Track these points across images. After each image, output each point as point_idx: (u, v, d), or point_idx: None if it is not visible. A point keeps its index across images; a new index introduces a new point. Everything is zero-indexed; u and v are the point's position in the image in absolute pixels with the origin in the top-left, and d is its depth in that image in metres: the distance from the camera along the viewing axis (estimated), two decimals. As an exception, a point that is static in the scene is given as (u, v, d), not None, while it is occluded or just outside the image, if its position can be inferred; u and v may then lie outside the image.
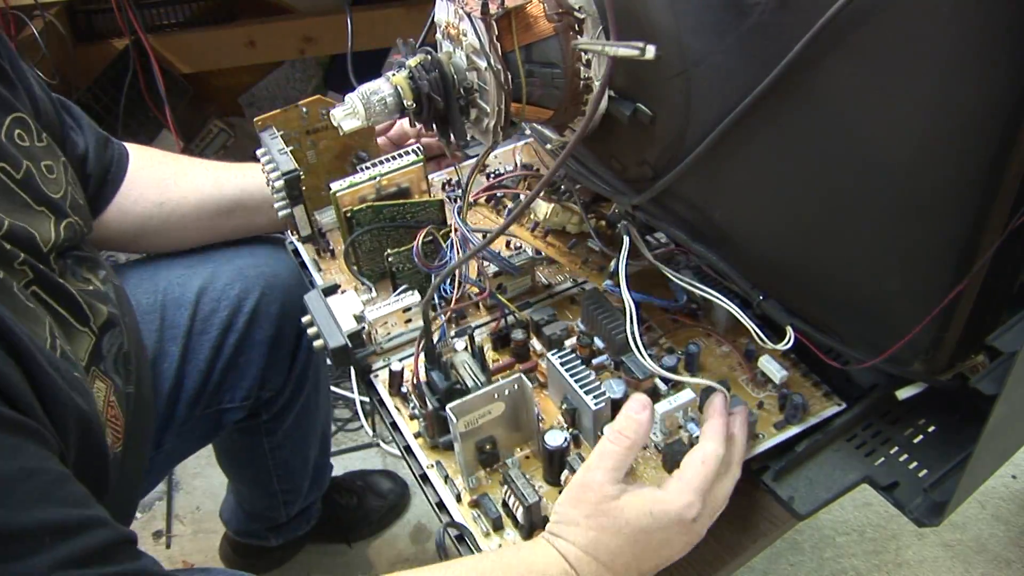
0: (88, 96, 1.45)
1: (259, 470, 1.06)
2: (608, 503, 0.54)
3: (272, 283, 0.88)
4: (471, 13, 0.56)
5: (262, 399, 0.92)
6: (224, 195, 0.84)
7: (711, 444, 0.58)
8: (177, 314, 0.83)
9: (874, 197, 0.52)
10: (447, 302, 0.77)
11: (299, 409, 1.00)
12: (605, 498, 0.55)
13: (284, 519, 1.17)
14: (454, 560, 0.57)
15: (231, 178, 0.86)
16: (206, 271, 0.86)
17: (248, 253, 0.89)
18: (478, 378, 0.66)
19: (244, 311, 0.86)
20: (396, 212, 0.81)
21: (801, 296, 0.64)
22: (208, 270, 0.86)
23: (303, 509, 1.20)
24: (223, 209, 0.84)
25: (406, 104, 0.61)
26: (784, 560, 1.26)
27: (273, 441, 1.01)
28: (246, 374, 0.87)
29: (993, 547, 1.25)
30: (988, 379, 0.59)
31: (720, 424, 0.60)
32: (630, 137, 0.63)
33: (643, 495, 0.55)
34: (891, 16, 0.44)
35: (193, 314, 0.84)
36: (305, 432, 1.05)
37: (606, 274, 0.74)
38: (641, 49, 0.52)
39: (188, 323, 0.83)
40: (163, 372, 0.82)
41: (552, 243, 0.76)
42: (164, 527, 1.37)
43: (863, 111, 0.49)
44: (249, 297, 0.86)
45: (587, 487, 0.56)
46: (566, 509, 0.56)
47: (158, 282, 0.85)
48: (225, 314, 0.85)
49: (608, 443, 0.57)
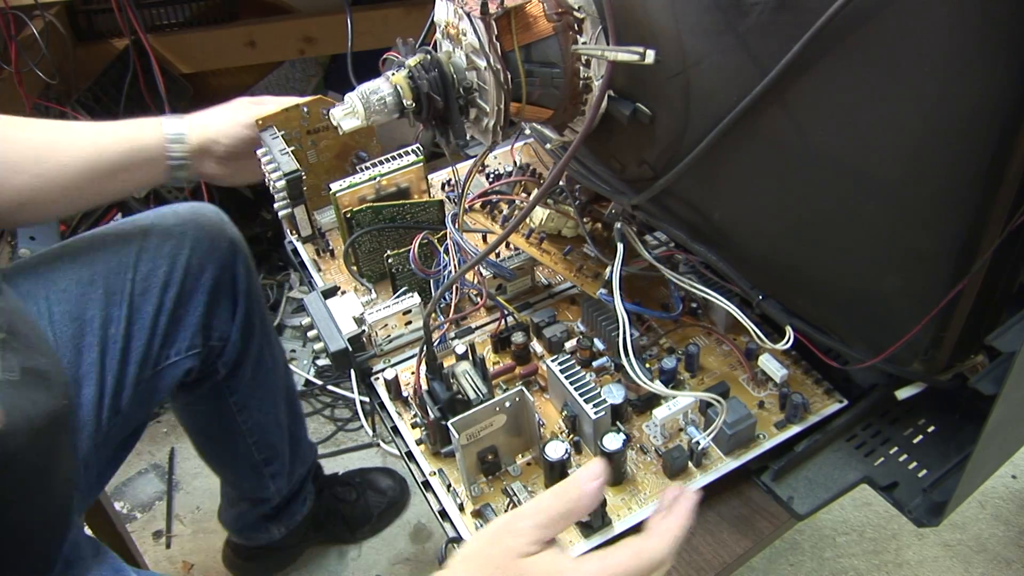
0: (88, 96, 1.45)
1: (234, 439, 1.07)
2: (515, 559, 0.49)
3: (199, 235, 0.90)
4: (471, 13, 0.56)
5: (212, 350, 0.95)
6: (104, 157, 0.83)
7: (655, 543, 0.51)
8: (118, 280, 0.86)
9: (874, 197, 0.52)
10: (446, 307, 0.77)
11: (253, 361, 1.02)
12: (516, 553, 0.50)
13: (276, 498, 1.17)
14: None
15: (113, 138, 0.85)
16: (139, 235, 0.88)
17: (171, 213, 0.91)
18: (479, 389, 0.66)
19: (179, 266, 0.88)
20: (396, 212, 0.81)
21: (801, 296, 0.64)
22: (140, 233, 0.89)
23: (294, 491, 1.20)
24: (105, 171, 0.84)
25: (405, 104, 0.61)
26: (784, 560, 1.26)
27: (238, 401, 1.03)
28: (188, 323, 0.90)
29: (993, 547, 1.25)
30: (987, 379, 0.59)
31: (676, 527, 0.52)
32: (629, 137, 0.63)
33: (556, 562, 0.50)
34: (890, 16, 0.44)
35: (133, 277, 0.86)
36: (267, 386, 1.06)
37: (601, 281, 0.74)
38: (641, 54, 0.52)
39: (130, 286, 0.86)
40: (111, 336, 0.84)
41: (547, 249, 0.76)
42: (164, 527, 1.37)
43: (862, 111, 0.49)
44: (181, 252, 0.89)
45: (507, 532, 0.51)
46: (476, 547, 0.52)
47: (94, 255, 0.87)
48: (162, 271, 0.88)
49: (550, 498, 0.52)
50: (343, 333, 0.72)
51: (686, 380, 0.72)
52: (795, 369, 0.71)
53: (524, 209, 0.61)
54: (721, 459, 0.66)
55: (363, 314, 0.73)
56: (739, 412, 0.65)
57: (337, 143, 0.90)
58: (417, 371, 0.70)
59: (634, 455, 0.67)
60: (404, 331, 0.76)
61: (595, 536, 0.62)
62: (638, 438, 0.68)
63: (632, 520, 0.63)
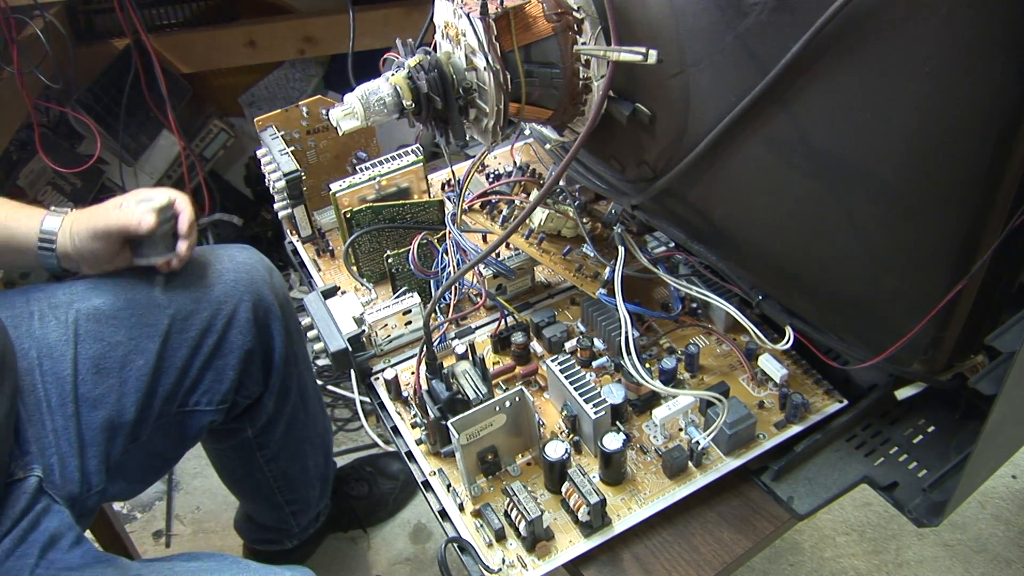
0: (88, 96, 1.45)
1: (259, 484, 1.07)
2: None
3: (250, 291, 0.89)
4: (470, 13, 0.56)
5: (239, 405, 0.93)
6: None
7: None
8: (155, 314, 0.84)
9: (873, 197, 0.52)
10: (446, 307, 0.77)
11: (287, 421, 1.00)
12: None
13: (296, 529, 1.18)
14: None
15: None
16: (188, 273, 0.87)
17: (227, 258, 0.89)
18: (479, 389, 0.66)
19: (223, 314, 0.86)
20: (396, 212, 0.81)
21: (801, 296, 0.64)
22: (190, 272, 0.87)
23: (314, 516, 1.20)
24: None
25: (405, 104, 0.61)
26: (784, 560, 1.26)
27: (267, 454, 1.02)
28: (223, 377, 0.88)
29: (993, 547, 1.25)
30: (987, 379, 0.59)
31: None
32: (629, 137, 0.63)
33: None
34: (889, 17, 0.44)
35: (173, 313, 0.84)
36: (300, 443, 1.05)
37: (601, 281, 0.74)
38: (644, 54, 0.52)
39: (167, 322, 0.84)
40: (137, 367, 0.83)
41: (547, 250, 0.76)
42: (164, 527, 1.37)
43: (862, 111, 0.49)
44: (228, 301, 0.87)
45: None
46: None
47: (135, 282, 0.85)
48: (205, 315, 0.86)
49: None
50: (343, 333, 0.72)
51: (686, 380, 0.72)
52: (795, 369, 0.71)
53: (525, 209, 0.61)
54: (721, 459, 0.66)
55: (363, 314, 0.73)
56: (739, 412, 0.65)
57: (337, 143, 0.90)
58: (417, 371, 0.70)
59: (634, 455, 0.67)
60: (404, 331, 0.76)
61: (595, 536, 0.62)
62: (638, 438, 0.68)
63: (632, 520, 0.63)
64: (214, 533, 1.33)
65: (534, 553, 0.61)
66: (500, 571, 0.60)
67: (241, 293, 0.87)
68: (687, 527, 0.64)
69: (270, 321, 0.90)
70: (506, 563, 0.61)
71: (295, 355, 0.95)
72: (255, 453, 1.01)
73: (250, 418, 0.96)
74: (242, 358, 0.88)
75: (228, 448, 1.02)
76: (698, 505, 0.65)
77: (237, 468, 1.06)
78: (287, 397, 0.97)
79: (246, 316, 0.87)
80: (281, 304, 0.91)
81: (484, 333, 0.77)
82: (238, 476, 1.09)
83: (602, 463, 0.64)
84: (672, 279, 0.70)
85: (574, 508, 0.62)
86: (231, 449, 1.02)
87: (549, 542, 0.61)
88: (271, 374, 0.93)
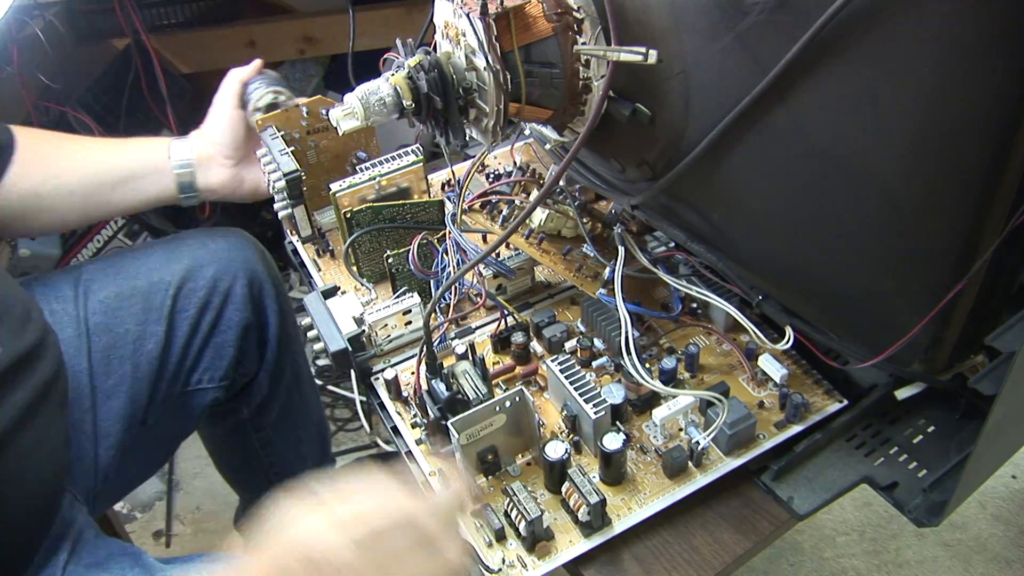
0: (88, 96, 1.45)
1: (255, 471, 1.07)
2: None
3: (244, 267, 0.90)
4: (470, 13, 0.56)
5: (237, 384, 0.94)
6: (113, 167, 0.86)
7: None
8: (159, 296, 0.86)
9: (874, 197, 0.52)
10: (446, 307, 0.77)
11: (282, 403, 1.01)
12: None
13: None
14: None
15: (119, 149, 0.87)
16: (184, 255, 0.89)
17: (220, 236, 0.92)
18: (479, 389, 0.66)
19: (219, 291, 0.88)
20: (396, 212, 0.81)
21: (801, 296, 0.64)
22: (185, 254, 0.89)
23: None
24: (109, 181, 0.85)
25: (405, 104, 0.61)
26: (784, 560, 1.26)
27: (263, 437, 1.03)
28: (223, 353, 0.90)
29: (993, 547, 1.25)
30: (987, 379, 0.59)
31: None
32: (629, 137, 0.63)
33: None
34: (889, 16, 0.44)
35: (175, 294, 0.86)
36: (295, 428, 1.06)
37: (601, 281, 0.74)
38: (644, 54, 0.52)
39: (171, 303, 0.86)
40: (147, 352, 0.84)
41: (547, 250, 0.76)
42: (164, 527, 1.37)
43: (862, 111, 0.49)
44: (224, 278, 0.89)
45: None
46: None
47: (137, 269, 0.87)
48: (202, 293, 0.87)
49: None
50: (343, 333, 0.72)
51: (686, 380, 0.72)
52: (795, 369, 0.71)
53: (525, 209, 0.61)
54: (721, 459, 0.66)
55: (363, 314, 0.73)
56: (739, 412, 0.65)
57: (337, 143, 0.90)
58: (417, 371, 0.70)
59: (634, 455, 0.67)
60: (404, 331, 0.76)
61: (595, 536, 0.62)
62: (638, 438, 0.68)
63: (632, 520, 0.63)
64: (214, 533, 1.33)
65: (534, 553, 0.61)
66: (500, 571, 0.60)
67: (236, 269, 0.89)
68: (687, 527, 0.64)
69: (264, 297, 0.92)
70: (506, 563, 0.61)
71: (288, 336, 0.97)
72: (251, 436, 1.02)
73: (246, 398, 0.97)
74: (240, 334, 0.90)
75: (225, 431, 1.02)
76: (698, 505, 0.65)
77: (235, 455, 1.07)
78: (281, 378, 0.99)
79: (242, 292, 0.89)
80: (274, 281, 0.93)
81: (484, 333, 0.77)
82: (235, 463, 1.10)
83: (602, 463, 0.64)
84: (672, 279, 0.70)
85: (574, 508, 0.62)
86: (228, 432, 1.03)
87: (549, 542, 0.61)
88: (266, 350, 0.95)
